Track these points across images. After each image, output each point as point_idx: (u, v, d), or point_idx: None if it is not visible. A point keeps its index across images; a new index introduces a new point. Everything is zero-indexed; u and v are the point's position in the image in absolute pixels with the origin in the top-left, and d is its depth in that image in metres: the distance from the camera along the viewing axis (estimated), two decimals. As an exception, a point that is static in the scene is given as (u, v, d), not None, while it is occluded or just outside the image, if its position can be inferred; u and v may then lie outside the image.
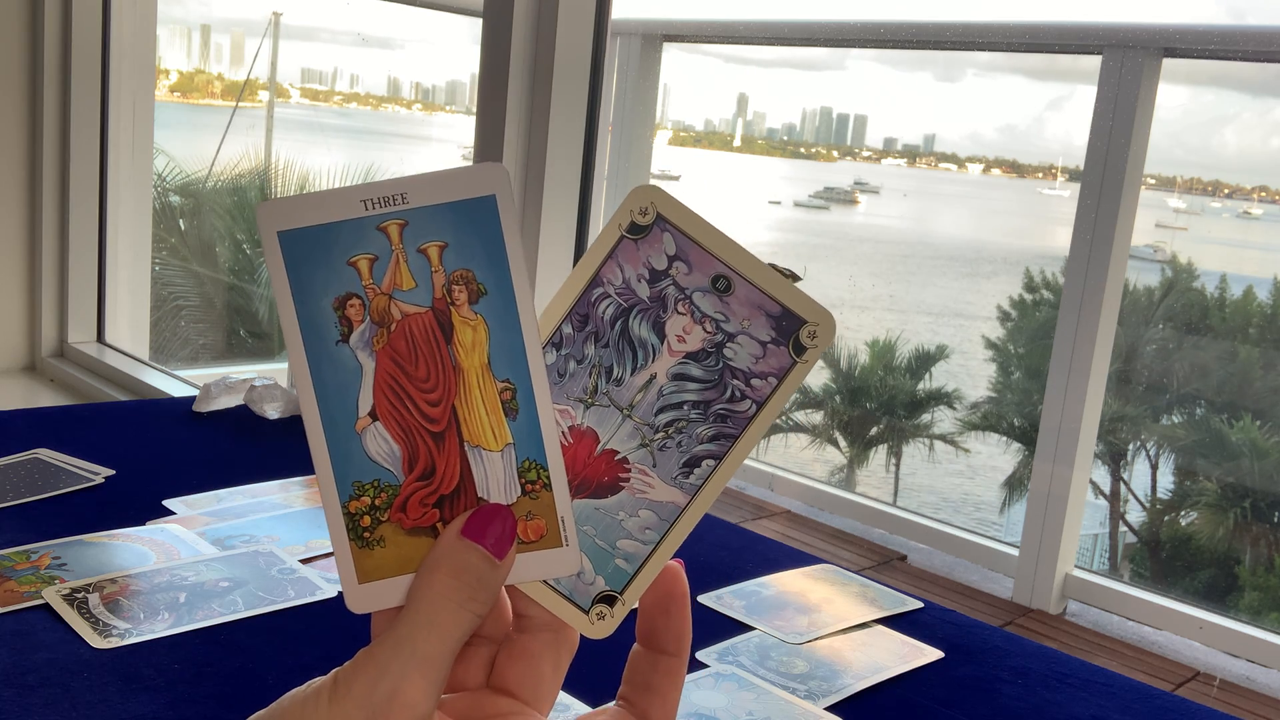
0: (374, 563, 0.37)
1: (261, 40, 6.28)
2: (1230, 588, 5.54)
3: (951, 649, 0.94)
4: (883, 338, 8.04)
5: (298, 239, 0.36)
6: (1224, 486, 5.69)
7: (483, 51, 1.72)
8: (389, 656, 0.35)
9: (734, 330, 0.39)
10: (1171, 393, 6.25)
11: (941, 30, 5.46)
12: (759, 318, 0.38)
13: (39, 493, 1.09)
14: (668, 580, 0.40)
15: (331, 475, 0.37)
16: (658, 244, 0.39)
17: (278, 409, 1.39)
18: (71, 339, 2.66)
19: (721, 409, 0.39)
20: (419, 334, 0.37)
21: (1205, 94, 9.53)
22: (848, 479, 7.52)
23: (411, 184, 0.36)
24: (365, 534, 0.37)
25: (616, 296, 0.39)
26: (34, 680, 0.76)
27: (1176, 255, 7.02)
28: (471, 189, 0.36)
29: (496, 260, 0.37)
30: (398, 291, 0.37)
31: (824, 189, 11.76)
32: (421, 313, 0.37)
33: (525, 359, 0.37)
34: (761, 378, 0.39)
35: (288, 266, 0.36)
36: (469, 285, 0.37)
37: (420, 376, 0.37)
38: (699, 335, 0.39)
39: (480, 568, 0.36)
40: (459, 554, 0.36)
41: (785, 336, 0.38)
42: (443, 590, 0.36)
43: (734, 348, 0.39)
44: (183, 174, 5.54)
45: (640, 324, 0.39)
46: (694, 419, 0.39)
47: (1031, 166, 11.18)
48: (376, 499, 0.37)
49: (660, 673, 0.40)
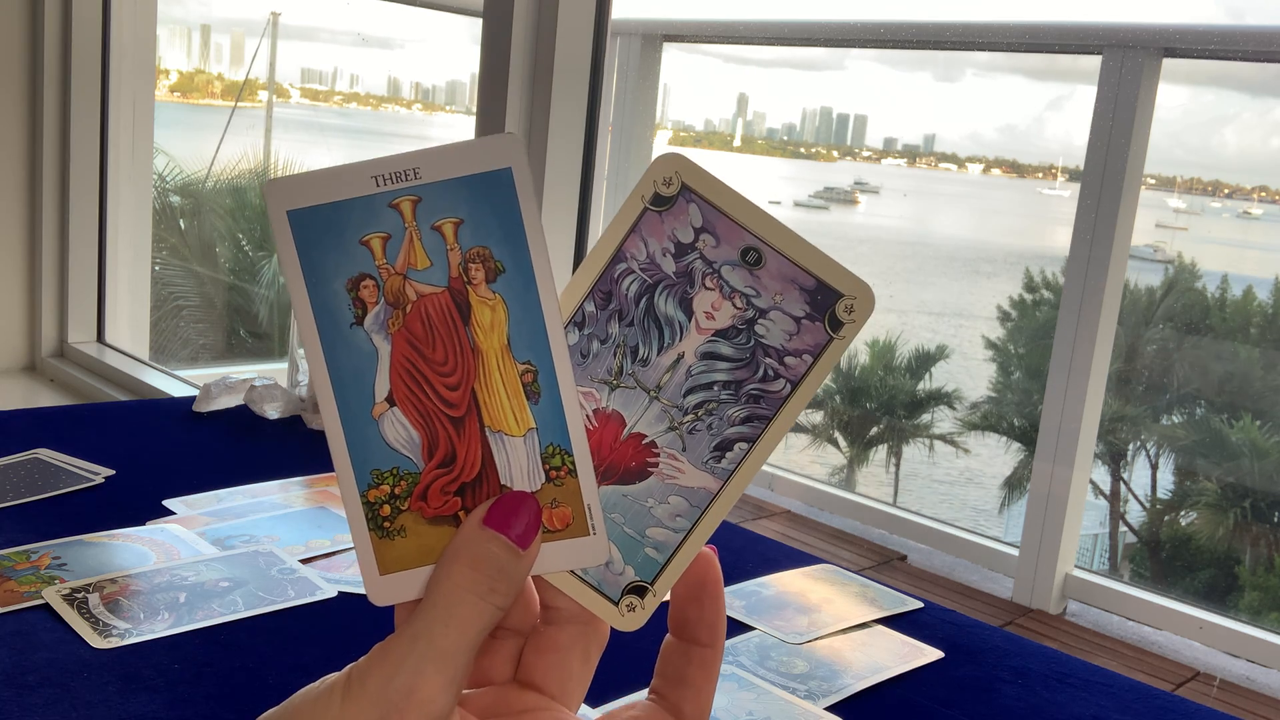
0: (395, 553, 0.36)
1: (260, 40, 6.28)
2: (1230, 588, 5.54)
3: (951, 649, 0.94)
4: (882, 338, 8.03)
5: (308, 218, 0.35)
6: (1224, 486, 5.69)
7: (483, 51, 1.72)
8: (405, 651, 0.33)
9: (766, 306, 0.37)
10: (1171, 393, 6.24)
11: (941, 30, 5.46)
12: (792, 292, 0.36)
13: (39, 493, 1.09)
14: (700, 568, 0.38)
15: (349, 464, 0.36)
16: (683, 215, 0.37)
17: (278, 409, 1.39)
18: (71, 339, 2.66)
19: (754, 389, 0.37)
20: (435, 315, 0.35)
21: (1205, 94, 9.53)
22: (848, 479, 7.52)
23: (424, 158, 0.35)
24: (385, 524, 0.36)
25: (641, 272, 0.37)
26: (34, 680, 0.76)
27: (1181, 255, 7.02)
28: (486, 162, 0.35)
29: (514, 236, 0.35)
30: (412, 271, 0.35)
31: (824, 189, 11.76)
32: (438, 293, 0.35)
33: (546, 339, 0.36)
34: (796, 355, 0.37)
35: (298, 247, 0.35)
36: (486, 263, 0.35)
37: (438, 359, 0.36)
38: (729, 311, 0.37)
39: (502, 558, 0.35)
40: (480, 544, 0.35)
41: (820, 311, 0.36)
42: (462, 582, 0.34)
43: (766, 324, 0.37)
44: (183, 174, 5.54)
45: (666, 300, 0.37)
46: (725, 400, 0.37)
47: (1031, 166, 11.18)
48: (396, 487, 0.36)
49: (694, 665, 0.38)
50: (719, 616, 0.38)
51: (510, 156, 0.35)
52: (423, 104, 8.90)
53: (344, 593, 0.93)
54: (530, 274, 0.35)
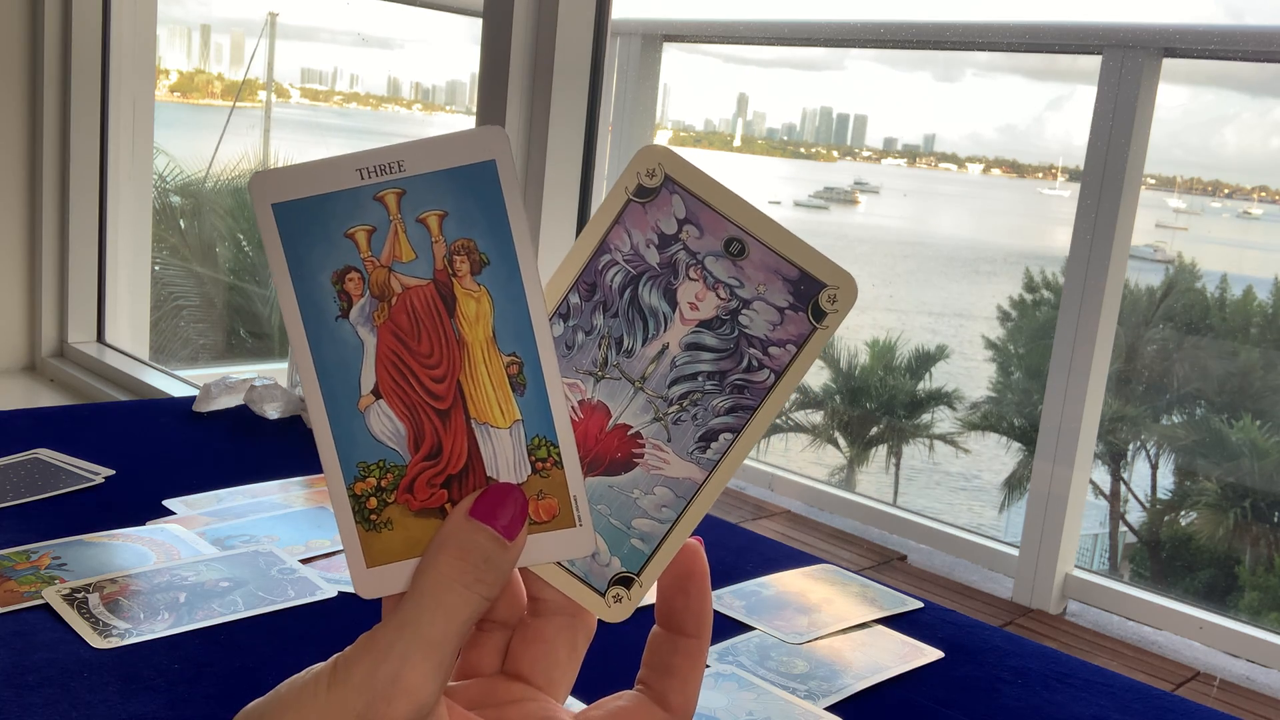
0: (382, 546, 0.36)
1: (259, 40, 6.29)
2: (1230, 588, 5.54)
3: (951, 649, 0.94)
4: (883, 338, 8.04)
5: (292, 211, 0.35)
6: (1224, 486, 5.69)
7: (483, 51, 1.72)
8: (391, 640, 0.33)
9: (749, 296, 0.37)
10: (1171, 393, 6.25)
11: (941, 30, 5.46)
12: (775, 282, 0.37)
13: (39, 493, 1.09)
14: (686, 559, 0.38)
15: (335, 456, 0.36)
16: (666, 207, 0.37)
17: (278, 409, 1.39)
18: (71, 339, 2.66)
19: (738, 379, 0.37)
20: (421, 307, 0.36)
21: (1205, 94, 9.53)
22: (848, 479, 7.52)
23: (408, 151, 0.35)
24: (372, 516, 0.36)
25: (625, 263, 0.37)
26: (34, 680, 0.76)
27: (1181, 255, 7.02)
28: (470, 154, 0.35)
29: (499, 229, 0.35)
30: (397, 264, 0.35)
31: (824, 189, 11.76)
32: (423, 285, 0.35)
33: (531, 331, 0.36)
34: (779, 345, 0.37)
35: (283, 240, 0.35)
36: (471, 255, 0.35)
37: (423, 352, 0.36)
38: (712, 302, 0.37)
39: (489, 549, 0.35)
40: (466, 535, 0.35)
41: (804, 301, 0.37)
42: (449, 572, 0.34)
43: (750, 314, 0.37)
44: (183, 174, 5.54)
45: (650, 292, 0.37)
46: (709, 390, 0.37)
47: (1031, 166, 11.18)
48: (383, 480, 0.36)
49: (680, 655, 0.38)
50: (705, 607, 0.39)
51: (494, 149, 0.35)
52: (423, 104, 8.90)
53: (344, 593, 0.93)
54: (515, 266, 0.35)
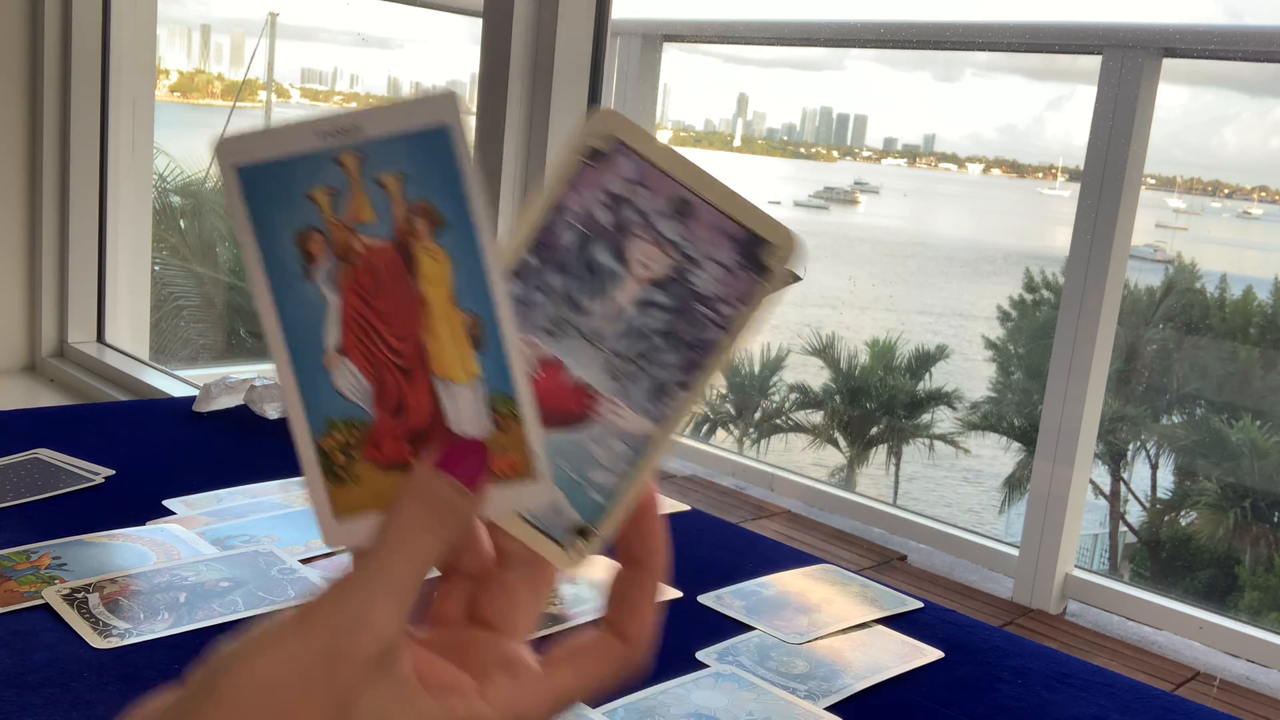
0: (349, 499, 0.38)
1: (258, 40, 6.28)
2: (1230, 588, 5.54)
3: (951, 649, 0.94)
4: (883, 338, 8.04)
5: (256, 174, 0.36)
6: (1224, 486, 5.69)
7: (483, 51, 1.72)
8: (358, 581, 0.35)
9: (698, 255, 0.38)
10: (1171, 393, 6.25)
11: (941, 30, 5.46)
12: (722, 241, 0.38)
13: (39, 493, 1.09)
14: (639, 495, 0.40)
15: (303, 412, 0.37)
16: (617, 169, 0.38)
17: (278, 409, 1.39)
18: (71, 339, 2.66)
19: (689, 336, 0.38)
20: (382, 267, 0.37)
21: (1205, 94, 9.54)
22: (848, 479, 7.52)
23: (366, 116, 0.36)
24: (339, 471, 0.38)
25: (577, 224, 0.38)
26: (34, 680, 0.76)
27: (1180, 255, 7.02)
28: (425, 118, 0.36)
29: (455, 191, 0.36)
30: (359, 225, 0.36)
31: (824, 189, 11.77)
32: (383, 245, 0.36)
33: (489, 290, 0.37)
34: (728, 302, 0.38)
35: (247, 201, 0.36)
36: (429, 216, 0.36)
37: (386, 310, 0.37)
38: (663, 261, 0.38)
39: (452, 499, 0.36)
40: (431, 485, 0.36)
41: (749, 259, 0.38)
42: (413, 517, 0.36)
43: (699, 273, 0.38)
44: (183, 174, 5.54)
45: (603, 251, 0.38)
46: (661, 347, 0.38)
47: (1031, 166, 11.18)
48: (349, 436, 0.37)
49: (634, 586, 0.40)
50: (656, 537, 0.40)
51: (448, 114, 0.36)
52: (423, 104, 8.89)
53: (344, 593, 0.93)
54: (471, 227, 0.36)
